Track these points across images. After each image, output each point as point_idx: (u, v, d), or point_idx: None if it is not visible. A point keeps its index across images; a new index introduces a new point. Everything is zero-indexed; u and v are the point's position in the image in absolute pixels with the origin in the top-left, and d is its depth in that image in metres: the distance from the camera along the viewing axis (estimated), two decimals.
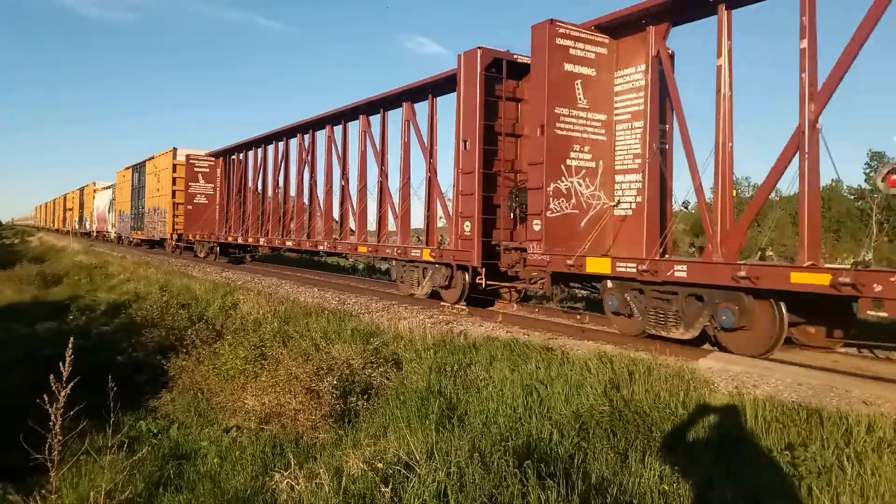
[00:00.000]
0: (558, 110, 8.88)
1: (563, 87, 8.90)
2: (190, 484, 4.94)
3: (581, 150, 9.08)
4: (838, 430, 4.46)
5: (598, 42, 9.15)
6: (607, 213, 9.17)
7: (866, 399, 5.20)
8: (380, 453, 4.78)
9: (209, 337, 9.52)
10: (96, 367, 7.28)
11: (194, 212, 23.90)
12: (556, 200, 8.90)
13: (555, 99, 8.84)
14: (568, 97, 8.93)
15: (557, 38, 8.84)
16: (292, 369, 6.94)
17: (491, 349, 7.09)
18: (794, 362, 6.84)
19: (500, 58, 10.61)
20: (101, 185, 39.73)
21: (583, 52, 9.04)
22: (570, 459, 4.40)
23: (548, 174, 8.81)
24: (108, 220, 36.84)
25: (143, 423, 6.75)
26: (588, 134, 9.15)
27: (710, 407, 5.17)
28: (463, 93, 10.76)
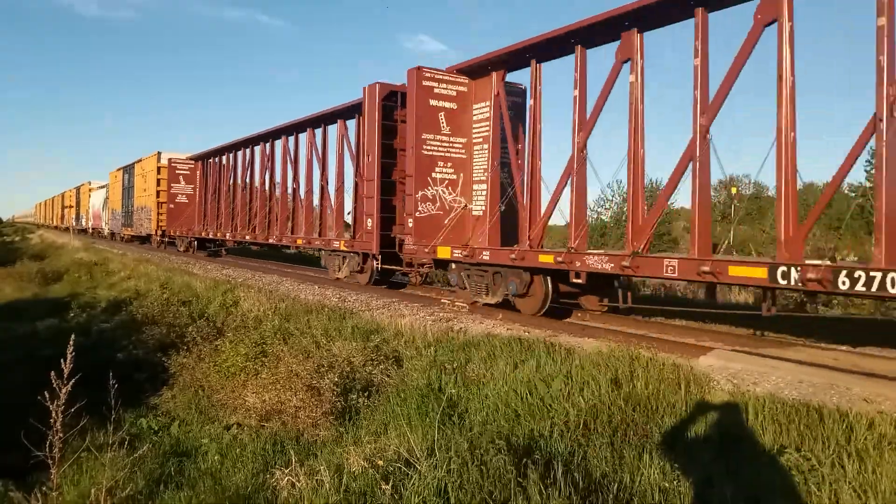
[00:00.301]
0: (425, 135, 11.63)
1: (428, 117, 11.62)
2: (191, 481, 4.94)
3: (445, 166, 11.88)
4: (839, 428, 4.46)
5: (458, 82, 11.90)
6: (467, 214, 11.99)
7: (867, 397, 5.20)
8: (380, 451, 4.78)
9: (210, 334, 9.52)
10: (97, 364, 7.28)
11: (176, 210, 26.81)
12: (424, 204, 11.68)
13: (422, 127, 11.57)
14: (433, 125, 11.70)
15: (424, 80, 11.55)
16: (293, 366, 6.94)
17: (491, 346, 7.09)
18: (794, 360, 6.84)
19: (395, 90, 13.22)
20: (96, 185, 42.14)
21: (446, 90, 11.81)
22: (570, 456, 4.41)
23: (416, 183, 11.58)
24: (102, 218, 39.14)
25: (144, 420, 6.76)
26: (450, 153, 11.93)
27: (710, 404, 5.18)
28: (367, 117, 13.45)
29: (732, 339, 8.33)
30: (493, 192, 11.24)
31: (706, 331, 9.12)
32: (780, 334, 8.74)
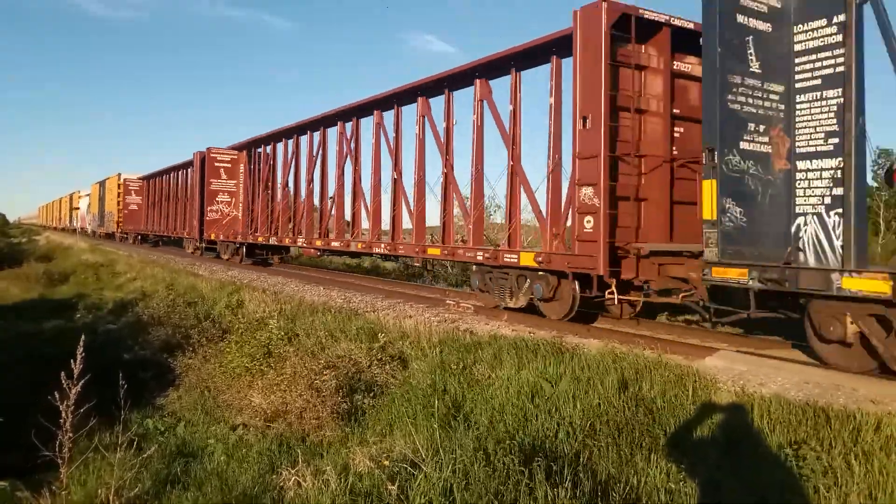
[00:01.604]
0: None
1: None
2: (197, 481, 4.96)
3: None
4: (846, 429, 4.45)
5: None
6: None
7: (874, 398, 5.18)
8: (386, 451, 4.80)
9: (215, 335, 9.56)
10: (103, 365, 7.32)
11: (129, 215, 38.38)
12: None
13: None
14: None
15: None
16: (298, 367, 6.97)
17: (497, 347, 7.09)
18: (800, 361, 6.82)
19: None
20: (83, 193, 51.67)
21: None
22: (576, 457, 4.41)
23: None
24: (86, 220, 49.44)
25: (151, 420, 6.79)
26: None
27: (715, 406, 5.17)
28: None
29: (737, 340, 8.31)
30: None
31: (710, 331, 9.09)
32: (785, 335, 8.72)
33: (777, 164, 7.06)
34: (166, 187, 31.32)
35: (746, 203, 6.87)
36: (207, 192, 22.18)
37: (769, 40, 7.04)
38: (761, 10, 7.01)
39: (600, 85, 8.27)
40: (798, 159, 6.97)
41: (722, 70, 6.78)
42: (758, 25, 7.00)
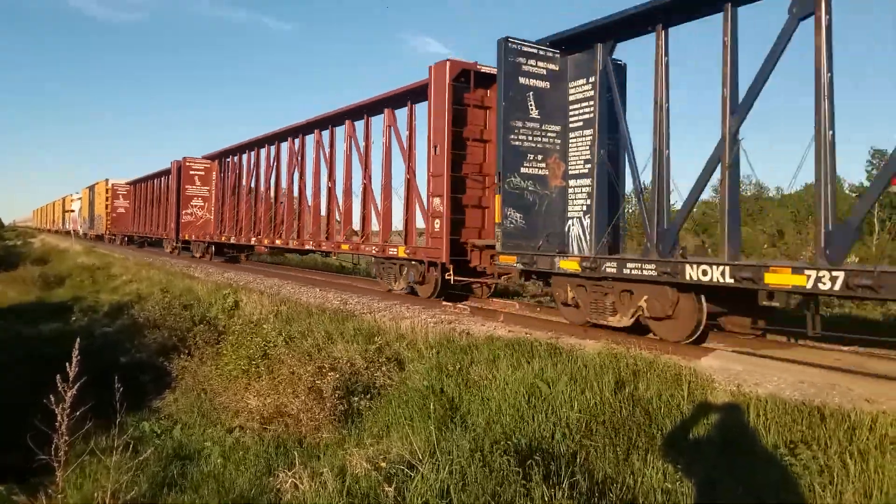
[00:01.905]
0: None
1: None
2: (194, 484, 4.96)
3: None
4: (841, 429, 4.47)
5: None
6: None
7: (869, 397, 5.20)
8: (383, 452, 4.80)
9: (212, 337, 9.55)
10: (100, 367, 7.31)
11: (117, 218, 40.96)
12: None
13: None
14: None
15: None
16: (295, 369, 6.96)
17: (493, 348, 7.10)
18: (796, 360, 6.85)
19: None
20: (75, 197, 54.21)
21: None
22: (573, 458, 4.42)
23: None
24: (78, 222, 52.35)
25: (147, 423, 6.78)
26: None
27: (712, 405, 5.19)
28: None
29: (733, 340, 8.34)
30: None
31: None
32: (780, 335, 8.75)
33: (553, 182, 9.83)
34: (150, 192, 33.65)
35: (525, 210, 9.57)
36: (183, 197, 25.30)
37: (547, 93, 9.67)
38: (540, 73, 9.60)
39: (444, 122, 10.99)
40: (570, 178, 9.78)
41: (506, 118, 9.37)
42: (537, 84, 9.61)
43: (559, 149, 9.79)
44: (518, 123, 9.45)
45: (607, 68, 8.89)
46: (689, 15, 7.92)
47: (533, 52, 9.51)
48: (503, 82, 9.29)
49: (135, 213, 37.44)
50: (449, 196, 11.01)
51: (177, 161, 25.91)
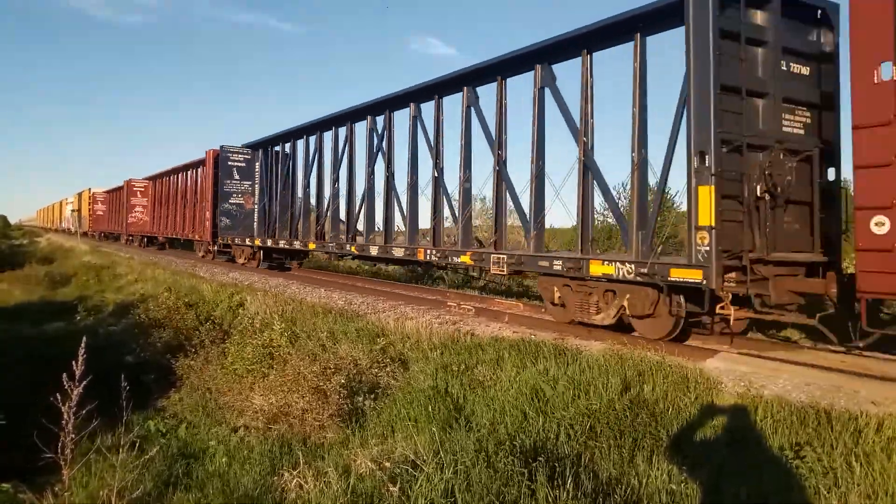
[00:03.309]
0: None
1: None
2: (199, 483, 4.97)
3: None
4: (847, 431, 4.45)
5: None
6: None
7: (875, 399, 5.18)
8: (387, 452, 4.80)
9: (217, 337, 9.57)
10: (105, 367, 7.34)
11: (95, 218, 49.36)
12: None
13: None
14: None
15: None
16: (300, 369, 6.97)
17: (498, 349, 7.09)
18: (801, 362, 6.82)
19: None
20: (70, 200, 62.87)
21: None
22: (578, 458, 4.41)
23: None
24: (70, 221, 60.27)
25: (152, 422, 6.80)
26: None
27: (717, 407, 5.17)
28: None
29: (739, 341, 8.31)
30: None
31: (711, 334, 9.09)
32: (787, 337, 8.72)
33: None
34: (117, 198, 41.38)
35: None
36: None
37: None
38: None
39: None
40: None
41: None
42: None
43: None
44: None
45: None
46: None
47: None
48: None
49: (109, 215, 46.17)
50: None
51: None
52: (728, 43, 7.21)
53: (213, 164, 22.64)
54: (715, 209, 6.89)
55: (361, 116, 14.98)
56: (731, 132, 7.17)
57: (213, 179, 22.50)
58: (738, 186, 7.18)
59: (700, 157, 7.03)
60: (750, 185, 7.19)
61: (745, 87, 7.28)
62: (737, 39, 7.26)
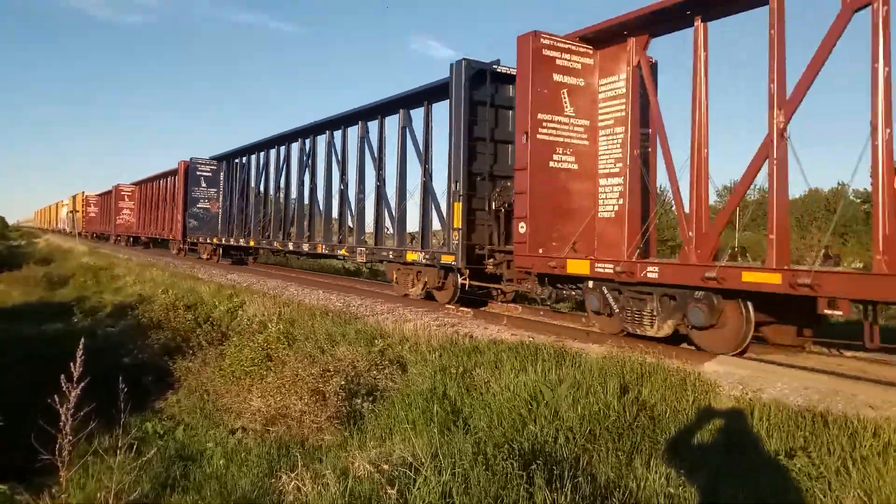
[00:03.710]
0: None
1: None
2: (196, 485, 4.97)
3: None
4: (844, 434, 4.46)
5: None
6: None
7: (872, 403, 5.19)
8: (385, 455, 4.80)
9: (215, 339, 9.57)
10: (103, 368, 7.33)
11: (89, 220, 52.17)
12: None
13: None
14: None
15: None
16: (298, 371, 6.97)
17: (496, 352, 7.10)
18: (799, 366, 6.83)
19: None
20: (65, 202, 65.46)
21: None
22: (576, 462, 4.41)
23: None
24: (65, 222, 63.47)
25: (150, 424, 6.79)
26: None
27: (715, 411, 5.18)
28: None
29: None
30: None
31: None
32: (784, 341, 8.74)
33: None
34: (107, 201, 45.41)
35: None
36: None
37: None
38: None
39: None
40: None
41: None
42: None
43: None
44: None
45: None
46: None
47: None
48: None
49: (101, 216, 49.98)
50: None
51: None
52: (481, 108, 11.04)
53: (184, 173, 25.83)
54: (463, 217, 10.73)
55: (294, 139, 18.75)
56: (480, 168, 11.03)
57: (183, 187, 25.89)
58: (484, 202, 11.01)
59: (455, 183, 10.88)
60: (490, 203, 10.93)
61: (496, 138, 11.18)
62: (485, 105, 11.05)
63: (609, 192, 9.07)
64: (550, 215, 9.05)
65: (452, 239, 10.88)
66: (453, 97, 10.93)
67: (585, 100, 9.26)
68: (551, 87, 9.03)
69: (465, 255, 10.69)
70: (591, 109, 9.28)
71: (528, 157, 8.93)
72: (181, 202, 26.17)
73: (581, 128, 9.28)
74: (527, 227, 9.02)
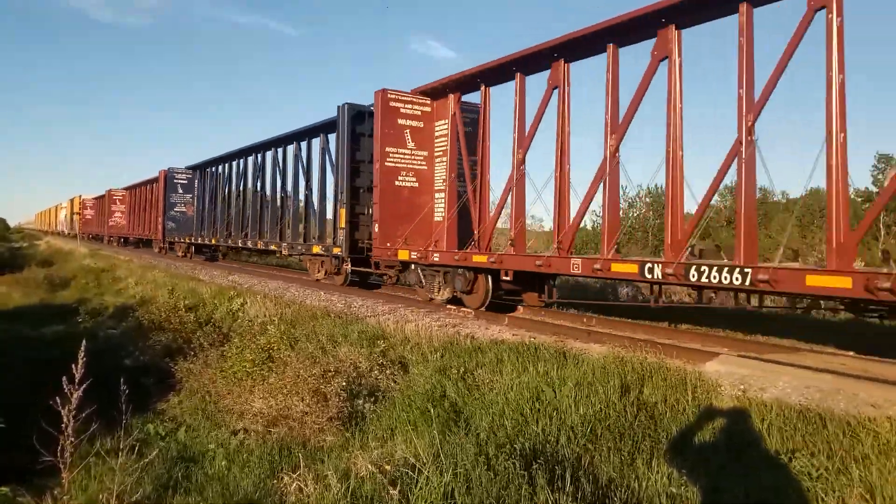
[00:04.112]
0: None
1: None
2: (199, 486, 4.97)
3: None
4: (845, 434, 4.46)
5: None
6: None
7: (874, 402, 5.18)
8: (387, 455, 4.80)
9: (216, 340, 9.57)
10: (105, 370, 7.33)
11: (85, 222, 54.19)
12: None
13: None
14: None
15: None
16: (299, 372, 6.96)
17: (497, 352, 7.10)
18: (801, 365, 6.83)
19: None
20: (63, 205, 68.53)
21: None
22: (577, 461, 4.41)
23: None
24: (64, 224, 66.45)
25: (152, 425, 6.79)
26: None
27: (717, 410, 5.17)
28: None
29: (739, 344, 8.33)
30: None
31: (711, 336, 9.12)
32: (786, 339, 8.74)
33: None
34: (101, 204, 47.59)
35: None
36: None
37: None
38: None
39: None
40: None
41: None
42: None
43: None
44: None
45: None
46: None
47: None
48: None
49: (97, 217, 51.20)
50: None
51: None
52: (362, 138, 14.34)
53: (164, 180, 29.59)
54: (347, 219, 14.09)
55: (250, 153, 22.14)
56: (361, 183, 14.33)
57: (163, 193, 29.72)
58: (365, 208, 14.28)
59: (341, 193, 14.30)
60: (369, 209, 13.97)
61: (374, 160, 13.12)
62: (364, 136, 14.29)
63: (440, 202, 12.50)
64: (395, 219, 12.50)
65: (339, 236, 14.39)
66: (339, 131, 14.60)
67: (424, 136, 12.75)
68: (397, 128, 12.54)
69: (349, 248, 14.15)
70: (429, 143, 12.79)
71: (379, 179, 12.53)
72: (161, 206, 30.16)
73: (421, 157, 12.83)
74: (378, 228, 12.65)
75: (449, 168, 12.08)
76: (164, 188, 29.54)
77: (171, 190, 29.36)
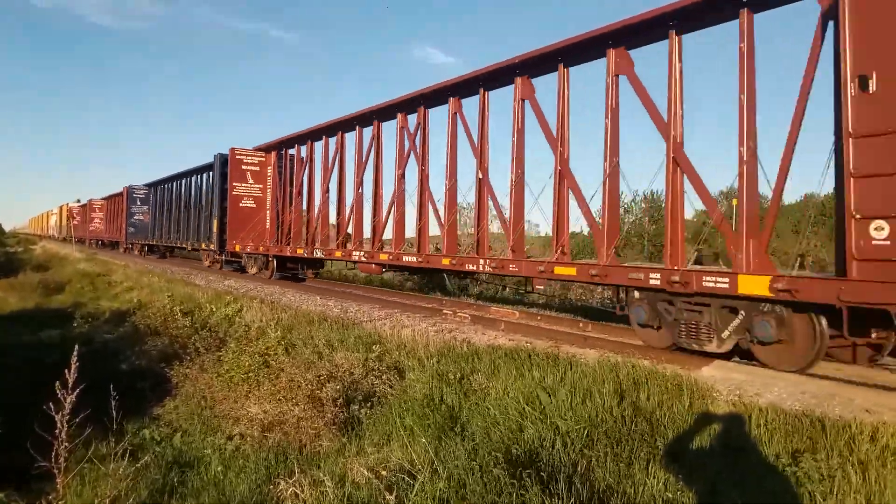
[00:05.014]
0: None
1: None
2: (194, 491, 4.95)
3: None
4: (842, 439, 4.47)
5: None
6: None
7: (869, 407, 5.20)
8: (383, 461, 4.79)
9: (212, 345, 9.54)
10: (100, 375, 7.30)
11: (74, 226, 54.60)
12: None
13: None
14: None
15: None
16: (295, 377, 6.96)
17: (494, 357, 7.09)
18: (797, 370, 6.83)
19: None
20: (53, 211, 74.02)
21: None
22: (573, 467, 4.41)
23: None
24: (55, 229, 70.88)
25: (147, 430, 6.76)
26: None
27: (712, 415, 5.18)
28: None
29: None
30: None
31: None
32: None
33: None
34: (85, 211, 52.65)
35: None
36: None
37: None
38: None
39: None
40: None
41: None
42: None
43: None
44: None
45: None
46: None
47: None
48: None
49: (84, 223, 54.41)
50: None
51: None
52: (226, 175, 20.60)
53: (126, 194, 36.68)
54: (218, 226, 21.56)
55: (183, 177, 28.05)
56: (225, 204, 20.72)
57: (125, 204, 37.04)
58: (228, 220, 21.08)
59: (214, 210, 21.93)
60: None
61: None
62: (226, 174, 20.69)
63: (267, 216, 19.98)
64: (239, 226, 20.16)
65: (213, 238, 21.92)
66: (214, 171, 22.27)
67: (261, 175, 20.42)
68: (241, 171, 20.20)
69: (219, 246, 21.55)
70: (264, 180, 20.42)
71: (229, 203, 20.22)
72: (124, 215, 37.53)
73: (258, 188, 20.41)
74: (228, 232, 20.52)
75: (272, 195, 19.89)
76: (126, 200, 36.96)
77: (132, 202, 36.69)
